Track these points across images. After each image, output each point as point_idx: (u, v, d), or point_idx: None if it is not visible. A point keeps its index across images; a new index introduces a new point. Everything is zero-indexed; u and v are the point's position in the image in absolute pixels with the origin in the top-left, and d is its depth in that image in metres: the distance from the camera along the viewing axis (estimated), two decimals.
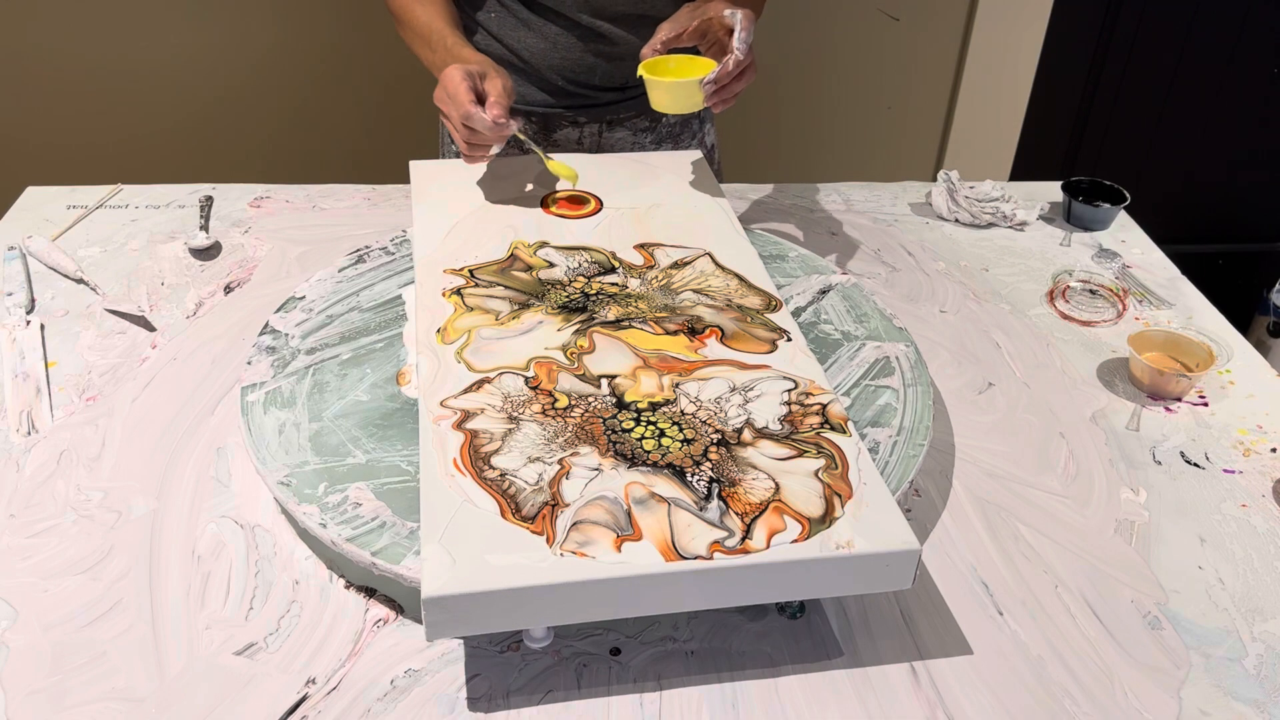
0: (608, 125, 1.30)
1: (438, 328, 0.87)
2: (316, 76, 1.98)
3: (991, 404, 1.00)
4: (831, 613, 0.77)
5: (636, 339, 0.87)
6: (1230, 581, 0.81)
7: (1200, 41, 2.26)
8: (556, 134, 1.30)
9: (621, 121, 1.31)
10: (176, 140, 2.02)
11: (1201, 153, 2.41)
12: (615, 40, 1.21)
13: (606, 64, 1.24)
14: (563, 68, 1.23)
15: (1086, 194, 1.28)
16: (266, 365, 0.90)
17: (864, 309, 1.02)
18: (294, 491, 0.77)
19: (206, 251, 1.18)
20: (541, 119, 1.28)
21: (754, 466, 0.73)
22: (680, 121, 1.35)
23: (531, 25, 1.20)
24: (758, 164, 2.19)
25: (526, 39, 1.21)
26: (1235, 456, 0.95)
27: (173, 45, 1.92)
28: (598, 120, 1.29)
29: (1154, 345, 1.05)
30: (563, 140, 1.30)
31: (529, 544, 0.66)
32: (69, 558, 0.79)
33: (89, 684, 0.70)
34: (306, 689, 0.70)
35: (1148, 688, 0.73)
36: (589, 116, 1.28)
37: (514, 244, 1.00)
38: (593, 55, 1.22)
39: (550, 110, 1.27)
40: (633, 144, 1.33)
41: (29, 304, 1.07)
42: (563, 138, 1.30)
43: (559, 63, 1.23)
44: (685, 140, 1.37)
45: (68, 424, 0.92)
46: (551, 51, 1.22)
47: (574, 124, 1.29)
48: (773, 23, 1.99)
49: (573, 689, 0.71)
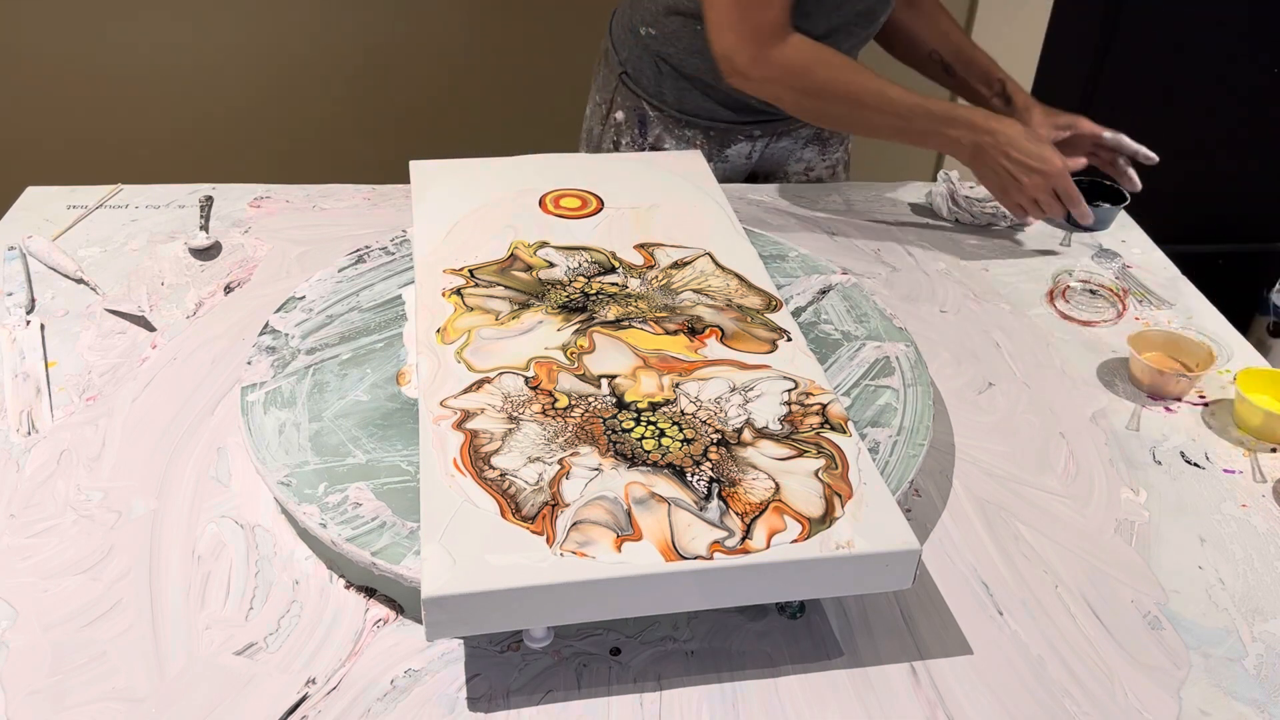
0: (776, 136, 1.35)
1: (438, 328, 0.87)
2: (318, 76, 1.98)
3: (991, 404, 1.00)
4: (831, 613, 0.77)
5: (636, 339, 0.87)
6: (1230, 581, 0.81)
7: (1200, 41, 2.25)
8: (730, 148, 1.34)
9: (789, 131, 1.36)
10: (176, 140, 2.02)
11: (1201, 153, 2.41)
12: None
13: None
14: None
15: (1086, 194, 1.28)
16: (266, 365, 0.90)
17: (864, 309, 1.02)
18: (294, 491, 0.77)
19: (206, 251, 1.18)
20: (721, 133, 1.32)
21: (754, 466, 0.73)
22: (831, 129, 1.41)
23: None
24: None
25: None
26: (1235, 456, 0.95)
27: (173, 45, 1.92)
28: (769, 133, 1.34)
29: (1154, 345, 1.05)
30: (735, 155, 1.35)
31: (529, 544, 0.66)
32: (69, 558, 0.79)
33: (89, 684, 0.70)
34: (306, 689, 0.70)
35: (1148, 688, 0.73)
36: (762, 130, 1.33)
37: (514, 244, 1.00)
38: None
39: (731, 124, 1.31)
40: (791, 150, 1.39)
41: (29, 304, 1.07)
42: (735, 152, 1.35)
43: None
44: (834, 146, 1.44)
45: (68, 424, 0.92)
46: None
47: (749, 137, 1.33)
48: None
49: (573, 689, 0.71)
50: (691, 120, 1.32)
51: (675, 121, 1.33)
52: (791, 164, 1.41)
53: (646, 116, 1.34)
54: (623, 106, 1.36)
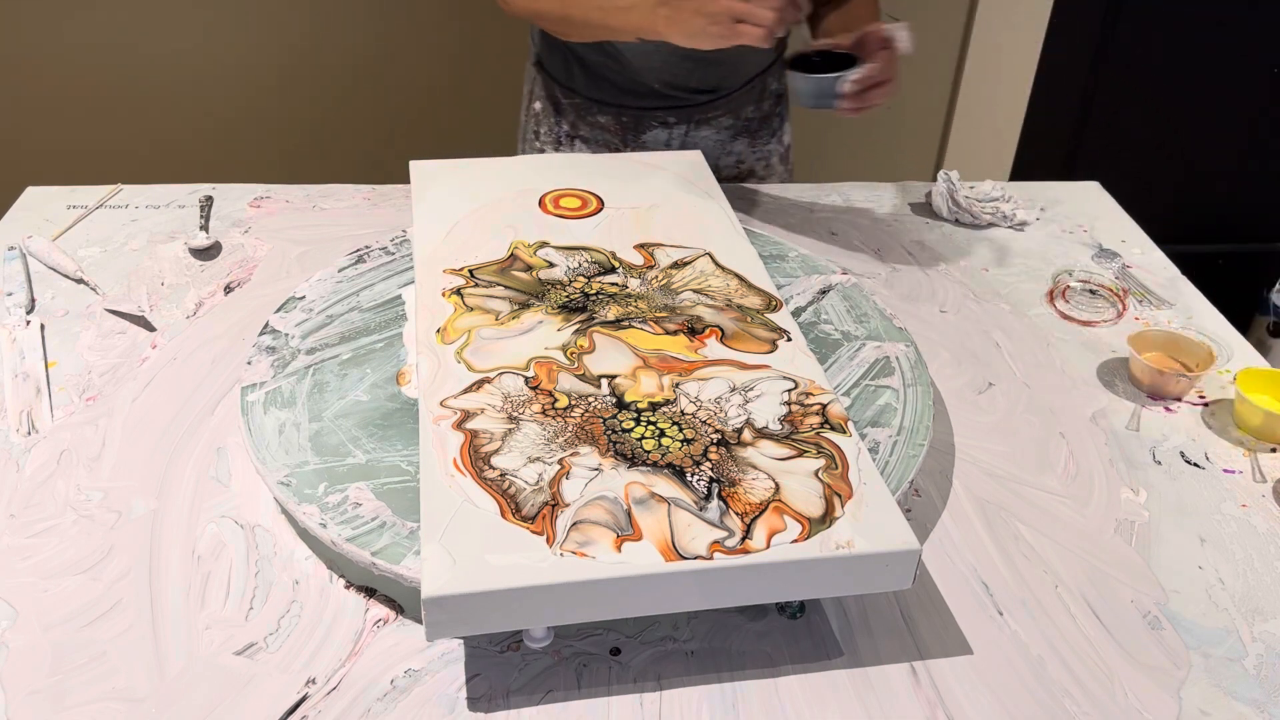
0: (695, 125, 1.32)
1: (438, 328, 0.87)
2: (317, 76, 1.98)
3: (991, 404, 1.00)
4: (831, 613, 0.77)
5: (636, 339, 0.87)
6: (1230, 581, 0.81)
7: (1200, 41, 2.25)
8: (646, 135, 1.32)
9: (708, 120, 1.32)
10: (176, 140, 2.02)
11: (1201, 153, 2.41)
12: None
13: (704, 68, 1.24)
14: (662, 71, 1.24)
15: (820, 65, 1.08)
16: (266, 365, 0.90)
17: (864, 309, 1.02)
18: (294, 491, 0.77)
19: (206, 251, 1.18)
20: (633, 118, 1.29)
21: (754, 466, 0.73)
22: (760, 119, 1.36)
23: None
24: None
25: (632, 43, 1.21)
26: (1235, 456, 0.95)
27: (173, 46, 1.92)
28: (687, 120, 1.31)
29: (1154, 345, 1.05)
30: (651, 141, 1.32)
31: (529, 544, 0.66)
32: (69, 558, 0.79)
33: (89, 684, 0.70)
34: (306, 689, 0.70)
35: (1148, 688, 0.73)
36: (678, 117, 1.30)
37: (514, 244, 1.00)
38: (691, 60, 1.23)
39: (643, 110, 1.28)
40: (716, 141, 1.34)
41: (29, 304, 1.07)
42: (651, 139, 1.32)
43: (659, 66, 1.23)
44: (764, 137, 1.38)
45: (68, 424, 0.92)
46: (654, 54, 1.22)
47: (664, 125, 1.31)
48: None
49: (573, 689, 0.71)
50: (602, 107, 1.30)
51: (587, 108, 1.31)
52: (723, 159, 1.38)
53: (560, 104, 1.33)
54: (539, 96, 1.36)
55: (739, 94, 1.32)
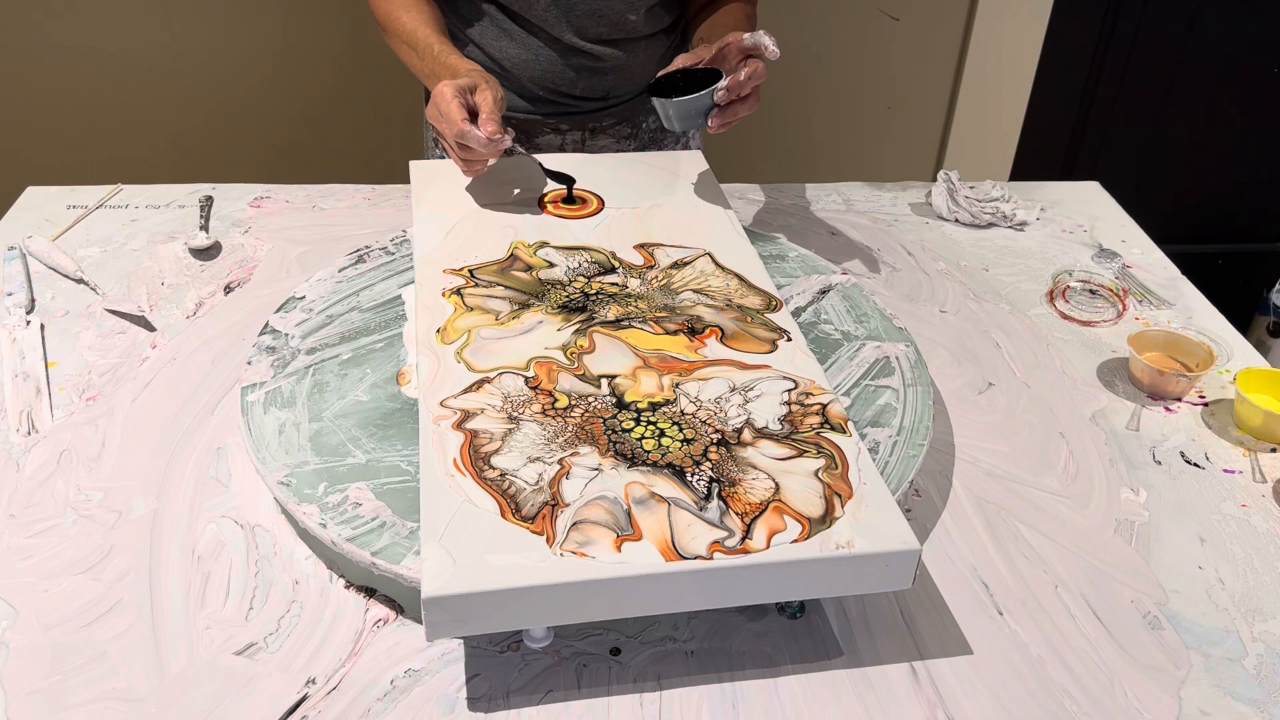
0: (590, 133, 1.30)
1: (438, 328, 0.87)
2: (317, 76, 1.98)
3: (991, 404, 1.00)
4: (831, 613, 0.77)
5: (636, 339, 0.87)
6: (1230, 581, 0.81)
7: (1200, 41, 2.26)
8: (539, 139, 1.30)
9: (604, 130, 1.31)
10: (176, 140, 2.01)
11: (1201, 153, 2.41)
12: (599, 56, 1.22)
13: (589, 78, 1.24)
14: (544, 79, 1.23)
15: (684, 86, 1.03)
16: (266, 365, 0.90)
17: (864, 309, 1.02)
18: (294, 491, 0.77)
19: (206, 251, 1.18)
20: (522, 125, 1.28)
21: (754, 466, 0.73)
22: (662, 129, 1.34)
23: (515, 37, 1.21)
24: (758, 164, 2.19)
25: (509, 49, 1.21)
26: (1235, 456, 0.95)
27: (173, 45, 1.92)
28: (580, 128, 1.29)
29: (1154, 345, 1.05)
30: (545, 145, 1.30)
31: (529, 544, 0.66)
32: (69, 558, 0.79)
33: (89, 684, 0.70)
34: (306, 689, 0.70)
35: (1148, 688, 0.73)
36: (570, 124, 1.29)
37: (514, 244, 1.00)
38: (574, 70, 1.23)
39: (530, 117, 1.27)
40: (615, 151, 1.32)
41: (29, 304, 1.07)
42: (545, 143, 1.30)
43: (540, 74, 1.23)
44: (668, 148, 1.36)
45: (68, 424, 0.92)
46: (534, 63, 1.22)
47: (555, 130, 1.29)
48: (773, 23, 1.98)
49: (573, 689, 0.71)
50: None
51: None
52: None
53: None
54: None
55: (633, 103, 1.30)
